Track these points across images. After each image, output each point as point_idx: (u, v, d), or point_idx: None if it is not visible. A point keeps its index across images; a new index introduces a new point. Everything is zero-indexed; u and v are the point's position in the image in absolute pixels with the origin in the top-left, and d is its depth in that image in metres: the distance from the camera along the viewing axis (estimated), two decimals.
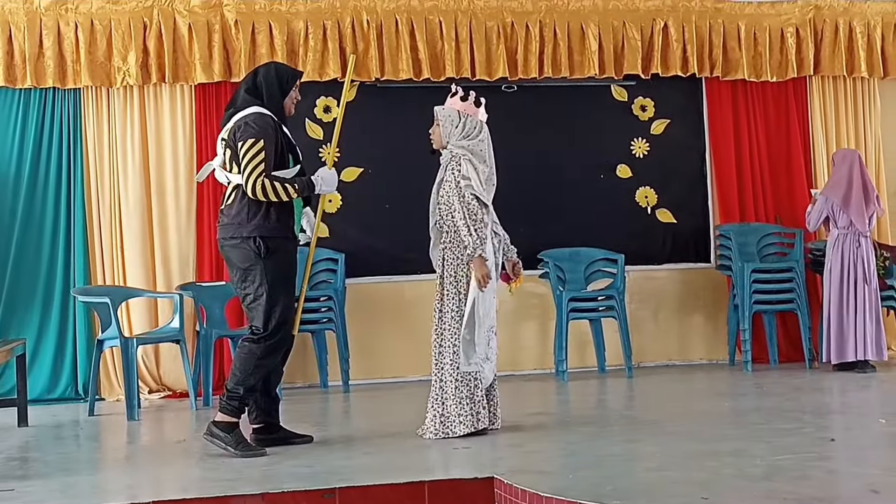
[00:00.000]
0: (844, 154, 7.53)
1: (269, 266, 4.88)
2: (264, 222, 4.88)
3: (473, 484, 3.99)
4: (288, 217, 5.01)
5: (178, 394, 7.17)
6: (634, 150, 8.05)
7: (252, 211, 4.88)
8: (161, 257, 7.34)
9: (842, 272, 7.24)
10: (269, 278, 4.87)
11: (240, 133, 4.88)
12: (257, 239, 4.85)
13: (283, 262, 4.95)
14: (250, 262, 4.88)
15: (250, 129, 4.86)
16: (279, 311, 4.88)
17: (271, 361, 4.96)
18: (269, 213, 4.89)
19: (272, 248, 4.88)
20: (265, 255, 4.85)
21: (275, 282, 4.88)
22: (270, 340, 4.89)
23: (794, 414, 5.50)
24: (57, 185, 7.26)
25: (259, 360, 4.87)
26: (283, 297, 4.91)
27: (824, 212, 7.37)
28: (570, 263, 7.73)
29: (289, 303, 4.97)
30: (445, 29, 7.62)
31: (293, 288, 5.07)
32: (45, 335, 7.18)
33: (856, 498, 3.51)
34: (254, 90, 5.02)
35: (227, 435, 4.83)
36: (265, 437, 5.06)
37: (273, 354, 4.94)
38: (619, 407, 6.46)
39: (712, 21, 8.05)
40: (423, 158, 5.67)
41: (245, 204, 4.89)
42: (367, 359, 7.49)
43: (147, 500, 3.85)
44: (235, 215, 4.92)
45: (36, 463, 4.99)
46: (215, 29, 7.33)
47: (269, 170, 4.85)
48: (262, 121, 4.91)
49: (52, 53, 7.15)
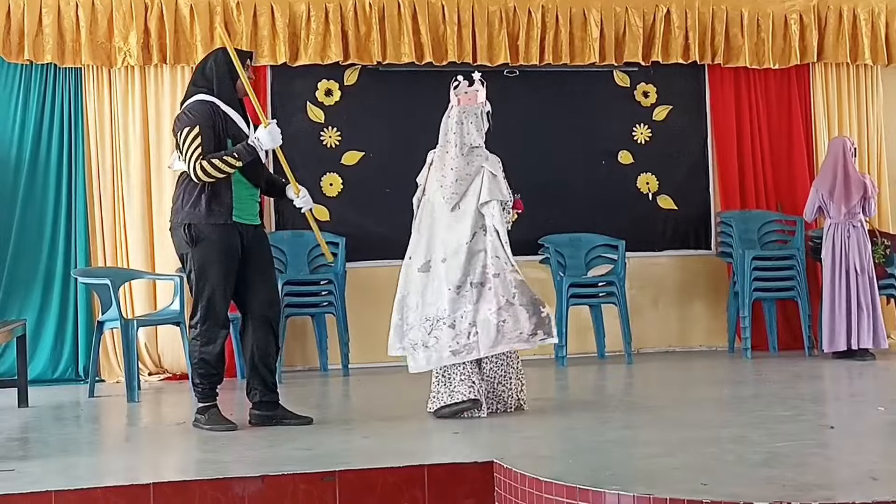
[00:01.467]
0: (833, 143, 7.54)
1: (197, 254, 4.97)
2: (194, 210, 4.96)
3: (473, 468, 3.99)
4: (220, 204, 4.97)
5: (177, 376, 7.18)
6: (636, 136, 8.04)
7: (184, 199, 5.00)
8: (162, 239, 7.32)
9: (833, 262, 7.24)
10: (196, 266, 4.98)
11: (178, 124, 5.01)
12: (188, 226, 4.95)
13: (212, 250, 4.95)
14: (184, 250, 5.02)
15: (185, 117, 4.98)
16: (206, 296, 4.97)
17: (214, 347, 5.01)
18: (200, 200, 4.95)
19: (201, 235, 4.94)
20: (194, 243, 4.94)
21: (202, 269, 4.97)
22: (204, 326, 4.99)
23: (793, 401, 5.51)
24: (58, 165, 7.25)
25: (202, 348, 5.00)
26: (210, 285, 4.96)
27: (816, 202, 7.37)
28: (571, 249, 7.72)
29: (219, 288, 4.97)
30: (448, 13, 7.59)
31: (228, 276, 5.00)
32: (45, 316, 7.18)
33: (854, 485, 3.52)
34: (201, 79, 5.09)
35: (201, 416, 5.05)
36: (263, 413, 5.11)
37: (213, 342, 5.00)
38: (619, 393, 6.47)
39: (715, 7, 8.02)
40: (425, 143, 5.66)
41: (181, 191, 5.03)
42: (366, 342, 7.48)
43: (146, 481, 3.85)
44: (174, 202, 5.07)
45: (36, 444, 5.00)
46: (217, 11, 7.31)
47: (206, 152, 4.89)
48: (199, 107, 4.98)
49: (52, 31, 7.11)
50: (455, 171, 5.19)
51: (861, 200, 7.27)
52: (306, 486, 3.87)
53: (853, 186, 7.28)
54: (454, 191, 5.18)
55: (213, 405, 5.07)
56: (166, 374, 7.23)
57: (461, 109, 5.26)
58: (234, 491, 3.83)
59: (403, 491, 3.91)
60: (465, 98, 5.25)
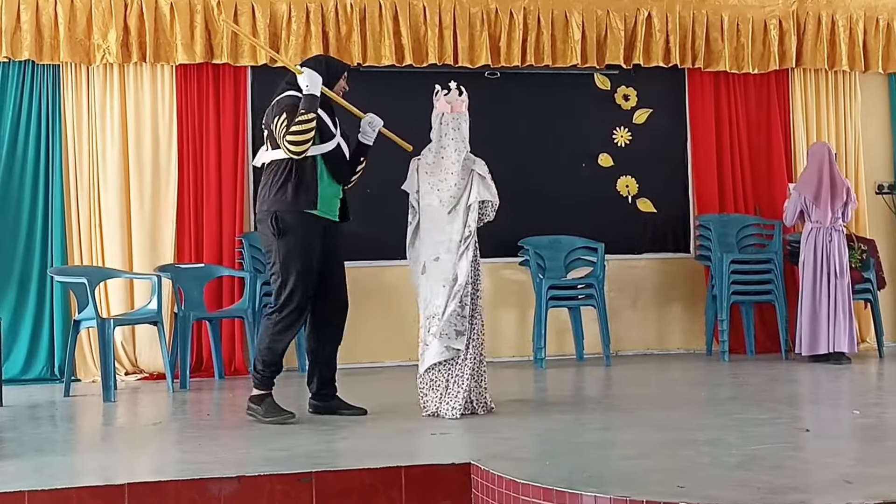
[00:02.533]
0: (815, 149, 7.57)
1: (283, 246, 5.10)
2: (280, 197, 5.10)
3: (450, 469, 3.99)
4: (307, 192, 5.11)
5: (154, 376, 7.14)
6: (616, 139, 8.06)
7: (270, 189, 5.14)
8: (139, 238, 7.30)
9: (815, 266, 7.28)
10: (281, 257, 5.11)
11: (271, 113, 5.14)
12: (274, 216, 5.08)
13: (298, 242, 5.10)
14: (269, 243, 5.15)
15: (277, 107, 5.13)
16: (289, 288, 5.10)
17: (287, 336, 5.18)
18: (286, 188, 5.10)
19: (288, 224, 5.07)
20: (280, 233, 5.07)
21: (287, 260, 5.10)
22: (281, 315, 5.12)
23: (769, 404, 5.53)
24: (35, 163, 7.20)
25: (274, 336, 5.14)
26: (295, 274, 5.09)
27: (798, 206, 7.41)
28: (550, 251, 7.74)
29: (302, 280, 5.11)
30: (429, 15, 7.59)
31: (311, 265, 5.15)
32: (21, 315, 7.13)
33: (829, 488, 3.54)
34: (294, 81, 5.20)
35: (258, 406, 5.13)
36: (321, 403, 5.34)
37: (288, 331, 5.16)
38: (597, 395, 6.48)
39: (696, 12, 8.06)
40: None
41: (268, 181, 5.17)
42: (346, 343, 7.41)
43: (122, 481, 3.82)
44: (261, 191, 5.21)
45: (10, 443, 4.95)
46: (197, 10, 7.28)
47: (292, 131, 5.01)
48: (287, 100, 5.13)
49: (30, 28, 7.07)
50: (455, 174, 5.30)
51: (843, 206, 7.33)
52: (283, 487, 3.85)
53: (839, 190, 7.33)
54: (453, 194, 5.29)
55: (269, 394, 5.19)
56: (143, 374, 7.19)
57: (455, 116, 5.37)
58: (211, 491, 3.81)
59: (381, 492, 3.91)
60: (458, 105, 5.38)
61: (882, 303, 7.90)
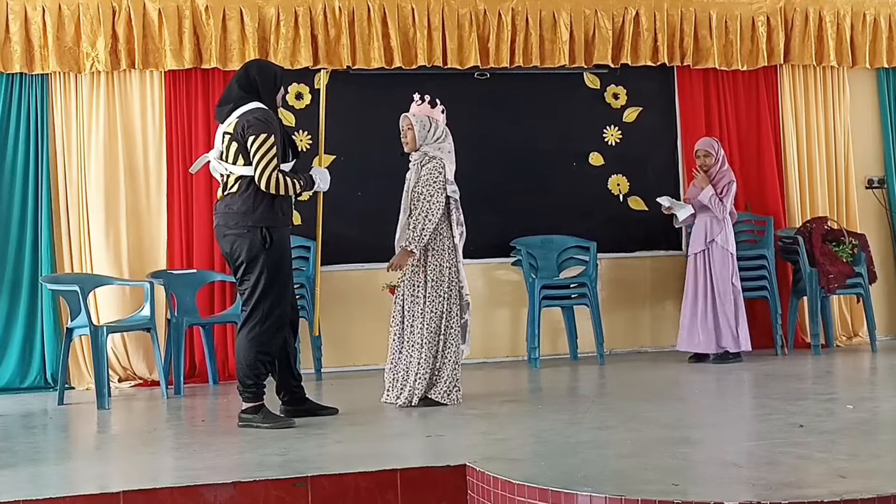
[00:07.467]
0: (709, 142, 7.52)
1: (270, 256, 5.12)
2: (270, 213, 5.12)
3: (445, 472, 3.99)
4: (289, 207, 5.28)
5: (148, 382, 7.13)
6: (607, 137, 8.07)
7: (258, 202, 5.10)
8: (131, 245, 7.28)
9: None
10: (268, 268, 5.11)
11: (251, 128, 5.07)
12: (263, 230, 5.08)
13: (284, 255, 5.21)
14: (255, 252, 5.10)
15: (261, 124, 5.07)
16: (271, 299, 5.11)
17: (274, 343, 5.19)
18: (274, 204, 5.13)
19: (275, 238, 5.12)
20: (269, 246, 5.08)
21: (275, 272, 5.13)
22: (261, 328, 5.12)
23: (763, 400, 5.54)
24: (24, 170, 7.18)
25: (260, 346, 5.13)
26: (278, 286, 5.15)
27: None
28: (543, 251, 7.74)
29: (286, 289, 5.21)
30: (418, 16, 7.59)
31: (290, 275, 5.31)
32: (13, 324, 7.11)
33: (823, 483, 3.55)
34: (247, 86, 5.19)
35: (254, 416, 5.12)
36: (293, 408, 5.35)
37: (274, 338, 5.17)
38: (591, 394, 6.49)
39: (683, 9, 8.07)
40: (395, 146, 5.74)
41: (251, 195, 5.11)
42: (339, 346, 7.48)
43: (117, 489, 3.82)
44: (241, 205, 5.11)
45: (4, 453, 4.93)
46: (185, 15, 7.27)
47: (279, 164, 5.08)
48: (269, 116, 5.13)
49: (20, 38, 7.07)
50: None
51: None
52: (278, 493, 3.86)
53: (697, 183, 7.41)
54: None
55: (263, 404, 5.18)
56: (137, 381, 7.18)
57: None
58: (206, 498, 3.81)
59: (376, 495, 3.91)
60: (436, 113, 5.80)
61: (873, 297, 7.92)
